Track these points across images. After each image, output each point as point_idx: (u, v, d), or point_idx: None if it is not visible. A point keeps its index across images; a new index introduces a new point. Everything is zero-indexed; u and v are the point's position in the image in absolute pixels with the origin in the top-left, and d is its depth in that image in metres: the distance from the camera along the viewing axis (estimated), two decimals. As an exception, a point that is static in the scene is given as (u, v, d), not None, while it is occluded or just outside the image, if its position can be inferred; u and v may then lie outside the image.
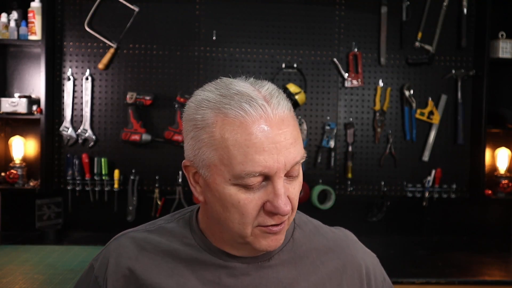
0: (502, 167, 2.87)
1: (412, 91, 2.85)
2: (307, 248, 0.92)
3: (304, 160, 0.81)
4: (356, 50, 2.83)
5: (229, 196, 0.78)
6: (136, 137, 2.70)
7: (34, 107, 2.65)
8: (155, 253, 0.89)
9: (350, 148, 2.84)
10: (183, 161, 0.86)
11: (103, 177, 2.74)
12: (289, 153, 0.77)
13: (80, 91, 2.77)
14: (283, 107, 0.79)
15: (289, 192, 0.80)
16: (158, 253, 0.89)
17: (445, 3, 2.84)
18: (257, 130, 0.75)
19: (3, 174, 2.70)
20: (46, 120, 2.64)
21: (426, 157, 2.87)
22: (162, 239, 0.91)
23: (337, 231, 1.00)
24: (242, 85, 0.80)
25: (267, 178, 0.77)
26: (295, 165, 0.79)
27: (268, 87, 0.81)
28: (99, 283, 0.90)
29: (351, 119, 2.86)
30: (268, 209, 0.78)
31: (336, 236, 0.97)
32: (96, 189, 2.76)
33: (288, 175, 0.80)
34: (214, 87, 0.81)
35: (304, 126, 2.82)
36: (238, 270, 0.87)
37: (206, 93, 0.81)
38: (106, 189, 2.74)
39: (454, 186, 2.86)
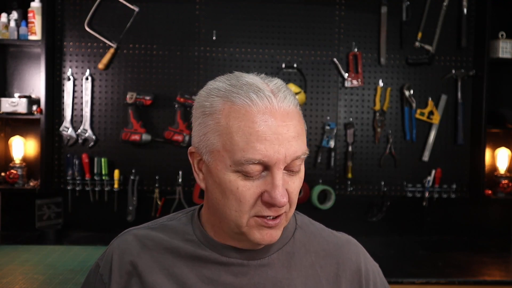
0: (502, 167, 2.87)
1: (412, 91, 2.85)
2: (307, 250, 0.92)
3: (306, 156, 0.82)
4: (356, 50, 2.83)
5: (229, 183, 0.80)
6: (136, 137, 2.70)
7: (34, 107, 2.65)
8: (156, 250, 0.90)
9: (350, 148, 2.84)
10: (189, 147, 0.89)
11: (103, 177, 2.74)
12: (290, 146, 0.79)
13: (80, 91, 2.77)
14: (289, 102, 0.82)
15: (288, 185, 0.81)
16: (159, 251, 0.90)
17: (445, 3, 2.84)
18: (261, 119, 0.78)
19: (3, 174, 2.70)
20: (46, 120, 2.64)
21: (426, 157, 2.86)
22: (164, 236, 0.92)
23: (339, 235, 0.99)
24: (251, 77, 0.83)
25: (267, 168, 0.79)
26: (296, 160, 0.80)
27: (277, 82, 0.84)
28: (103, 280, 0.91)
29: (351, 119, 2.86)
30: (265, 200, 0.79)
31: (338, 240, 0.97)
32: (96, 189, 2.75)
33: (289, 169, 0.81)
34: (225, 78, 0.85)
35: (304, 126, 2.82)
36: (237, 268, 0.87)
37: (217, 83, 0.85)
38: (106, 189, 2.74)
39: (454, 186, 2.86)
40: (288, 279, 0.88)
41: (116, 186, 2.74)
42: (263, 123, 0.78)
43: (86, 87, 2.75)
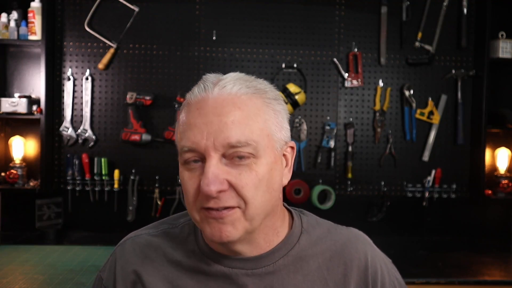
0: (502, 167, 2.87)
1: (412, 91, 2.85)
2: (313, 253, 0.89)
3: (246, 146, 0.76)
4: (356, 50, 2.83)
5: (180, 175, 0.81)
6: (136, 137, 2.70)
7: (34, 107, 2.65)
8: (159, 262, 0.88)
9: (350, 148, 2.84)
10: None
11: (103, 177, 2.74)
12: (220, 132, 0.76)
13: (80, 91, 2.77)
14: (232, 89, 0.78)
15: (232, 177, 0.77)
16: (162, 262, 0.88)
17: (445, 3, 2.84)
18: (195, 108, 0.79)
19: (3, 174, 2.70)
20: (46, 120, 2.64)
21: (426, 157, 2.86)
22: (167, 245, 0.90)
23: (346, 232, 0.95)
24: (213, 74, 0.83)
25: (204, 158, 0.77)
26: (236, 148, 0.76)
27: (233, 74, 0.82)
28: None
29: (351, 119, 2.86)
30: (199, 189, 0.77)
31: (345, 238, 0.93)
32: (96, 189, 2.75)
33: (230, 158, 0.77)
34: None
35: (304, 126, 2.82)
36: (242, 279, 0.85)
37: None
38: (106, 189, 2.74)
39: (454, 186, 2.86)
40: (294, 285, 0.86)
41: (116, 186, 2.74)
42: (196, 111, 0.78)
43: (86, 87, 2.75)
